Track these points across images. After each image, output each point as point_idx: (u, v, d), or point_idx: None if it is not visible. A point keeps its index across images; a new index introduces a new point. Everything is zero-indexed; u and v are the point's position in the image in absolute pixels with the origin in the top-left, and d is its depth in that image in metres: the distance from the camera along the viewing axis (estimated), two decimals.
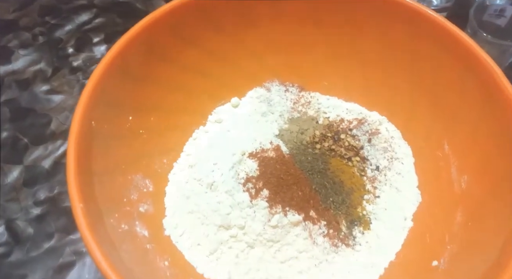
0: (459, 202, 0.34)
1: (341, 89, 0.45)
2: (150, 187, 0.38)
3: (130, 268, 0.29)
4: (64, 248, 0.41)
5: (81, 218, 0.27)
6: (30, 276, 0.40)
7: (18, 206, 0.43)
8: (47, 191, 0.44)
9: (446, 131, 0.37)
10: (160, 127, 0.40)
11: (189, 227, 0.38)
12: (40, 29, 0.55)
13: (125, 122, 0.36)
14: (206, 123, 0.44)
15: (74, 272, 0.40)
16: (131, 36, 0.33)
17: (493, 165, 0.32)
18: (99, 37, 0.55)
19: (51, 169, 0.46)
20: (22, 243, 0.42)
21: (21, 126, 0.48)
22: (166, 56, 0.37)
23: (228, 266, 0.36)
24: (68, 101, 0.50)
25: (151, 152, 0.39)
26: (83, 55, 0.53)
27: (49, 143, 0.47)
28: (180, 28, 0.37)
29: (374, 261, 0.36)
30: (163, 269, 0.34)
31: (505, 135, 0.30)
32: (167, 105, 0.40)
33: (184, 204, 0.39)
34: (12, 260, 0.41)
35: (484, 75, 0.32)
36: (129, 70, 0.35)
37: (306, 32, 0.42)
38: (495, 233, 0.28)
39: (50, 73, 0.52)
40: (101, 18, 0.56)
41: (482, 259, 0.27)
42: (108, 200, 0.32)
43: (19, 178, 0.45)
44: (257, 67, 0.44)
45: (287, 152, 0.40)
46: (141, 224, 0.35)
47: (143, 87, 0.37)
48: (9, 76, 0.51)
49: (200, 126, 0.44)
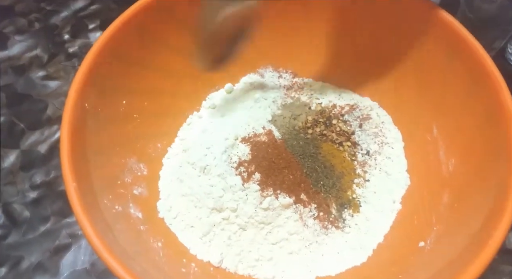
0: (446, 184, 0.35)
1: (334, 75, 0.45)
2: (145, 170, 0.39)
3: (123, 247, 0.30)
4: (60, 231, 0.42)
5: (75, 197, 0.28)
6: (27, 258, 0.41)
7: (15, 190, 0.44)
8: (43, 175, 0.45)
9: (435, 116, 0.37)
10: (154, 112, 0.40)
11: (182, 210, 0.38)
12: (36, 15, 0.55)
13: (119, 106, 0.37)
14: (200, 109, 0.45)
15: (70, 254, 0.41)
16: (123, 19, 0.34)
17: (478, 148, 0.32)
18: (94, 24, 0.55)
19: (47, 153, 0.46)
20: (19, 225, 0.42)
21: (17, 111, 0.49)
22: (159, 40, 0.38)
23: (220, 248, 0.37)
24: (64, 87, 0.50)
25: (145, 136, 0.40)
26: (78, 41, 0.54)
27: (45, 128, 0.48)
28: (174, 12, 0.37)
29: (363, 242, 0.37)
30: (157, 250, 0.35)
31: (490, 119, 0.31)
32: (161, 90, 0.41)
33: (178, 187, 0.39)
34: (9, 242, 0.42)
35: (472, 60, 0.33)
36: (122, 54, 0.35)
37: (299, 18, 0.42)
38: (477, 212, 0.28)
39: (46, 59, 0.52)
40: (96, 4, 0.56)
41: (464, 237, 0.28)
42: (102, 181, 0.33)
43: (16, 162, 0.46)
44: (250, 53, 0.43)
45: (279, 137, 0.41)
46: (135, 206, 0.36)
47: (137, 71, 0.38)
48: (5, 62, 0.52)
49: (194, 112, 0.44)
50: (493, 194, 0.28)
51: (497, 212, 0.27)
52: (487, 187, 0.29)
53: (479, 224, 0.27)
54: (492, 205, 0.27)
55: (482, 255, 0.25)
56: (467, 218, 0.30)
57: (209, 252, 0.37)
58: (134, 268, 0.27)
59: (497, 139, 0.31)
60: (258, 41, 0.43)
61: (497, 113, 0.30)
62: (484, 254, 0.25)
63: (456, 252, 0.27)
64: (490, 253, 0.25)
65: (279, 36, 0.44)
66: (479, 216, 0.28)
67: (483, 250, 0.25)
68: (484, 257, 0.25)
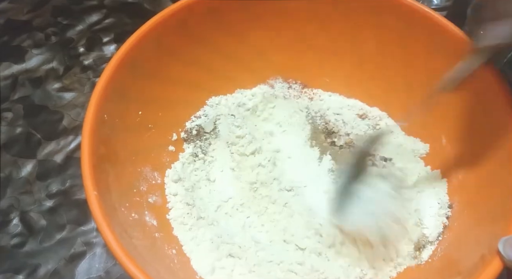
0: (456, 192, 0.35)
1: (342, 86, 0.46)
2: (159, 179, 0.40)
3: (141, 253, 0.31)
4: (76, 239, 0.43)
5: (96, 205, 0.29)
6: (43, 265, 0.42)
7: (31, 199, 0.45)
8: (59, 184, 0.46)
9: (443, 124, 0.38)
10: (168, 122, 0.41)
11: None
12: (53, 29, 0.57)
13: (135, 116, 0.38)
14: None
15: (85, 262, 0.42)
16: (141, 33, 0.35)
17: (487, 157, 0.33)
18: (108, 37, 0.57)
19: (63, 163, 0.47)
20: (36, 234, 0.43)
21: (34, 122, 0.50)
22: (173, 53, 0.39)
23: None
24: (79, 99, 0.52)
25: (159, 146, 0.41)
26: (93, 54, 0.55)
27: (61, 138, 0.49)
28: (188, 26, 0.38)
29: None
30: (171, 257, 0.36)
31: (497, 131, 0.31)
32: (175, 101, 0.42)
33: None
34: (26, 250, 0.42)
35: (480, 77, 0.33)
36: (139, 67, 0.36)
37: (308, 30, 0.43)
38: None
39: (62, 72, 0.54)
40: (110, 18, 0.58)
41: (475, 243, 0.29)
42: (120, 190, 0.34)
43: (33, 172, 0.47)
44: (261, 65, 0.45)
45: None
46: (150, 214, 0.37)
47: (152, 83, 0.39)
48: (23, 75, 0.53)
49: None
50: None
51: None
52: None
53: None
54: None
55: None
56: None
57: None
58: (151, 273, 0.28)
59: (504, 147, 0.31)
60: (268, 53, 0.45)
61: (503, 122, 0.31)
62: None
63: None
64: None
65: (288, 48, 0.45)
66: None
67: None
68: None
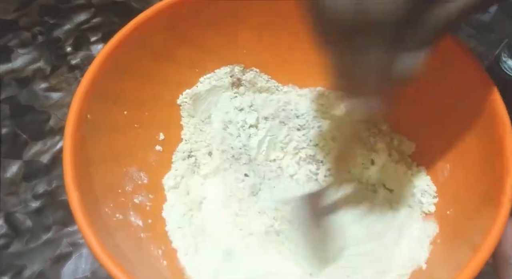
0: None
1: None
2: (145, 179, 0.40)
3: (125, 254, 0.30)
4: (62, 240, 0.43)
5: (77, 205, 0.28)
6: (29, 267, 0.41)
7: (17, 199, 0.45)
8: (46, 185, 0.46)
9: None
10: (155, 121, 0.41)
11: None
12: (39, 28, 0.56)
13: (120, 116, 0.37)
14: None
15: (71, 263, 0.42)
16: (125, 33, 0.35)
17: (471, 154, 0.33)
18: (96, 36, 0.56)
19: (50, 163, 0.47)
20: (21, 234, 0.43)
21: (20, 122, 0.49)
22: (158, 53, 0.39)
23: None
24: (66, 99, 0.51)
25: (145, 146, 0.40)
26: (81, 53, 0.55)
27: (47, 139, 0.48)
28: (173, 25, 0.38)
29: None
30: (158, 257, 0.35)
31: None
32: (162, 100, 0.41)
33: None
34: (12, 251, 0.42)
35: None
36: (123, 66, 0.36)
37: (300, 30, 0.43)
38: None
39: (49, 72, 0.53)
40: (98, 17, 0.58)
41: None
42: (104, 190, 0.33)
43: (19, 173, 0.46)
44: (248, 63, 0.45)
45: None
46: (135, 214, 0.36)
47: (138, 82, 0.38)
48: (9, 75, 0.53)
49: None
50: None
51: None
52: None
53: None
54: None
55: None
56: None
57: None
58: (136, 275, 0.27)
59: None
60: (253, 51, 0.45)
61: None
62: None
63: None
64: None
65: (273, 47, 0.45)
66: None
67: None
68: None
